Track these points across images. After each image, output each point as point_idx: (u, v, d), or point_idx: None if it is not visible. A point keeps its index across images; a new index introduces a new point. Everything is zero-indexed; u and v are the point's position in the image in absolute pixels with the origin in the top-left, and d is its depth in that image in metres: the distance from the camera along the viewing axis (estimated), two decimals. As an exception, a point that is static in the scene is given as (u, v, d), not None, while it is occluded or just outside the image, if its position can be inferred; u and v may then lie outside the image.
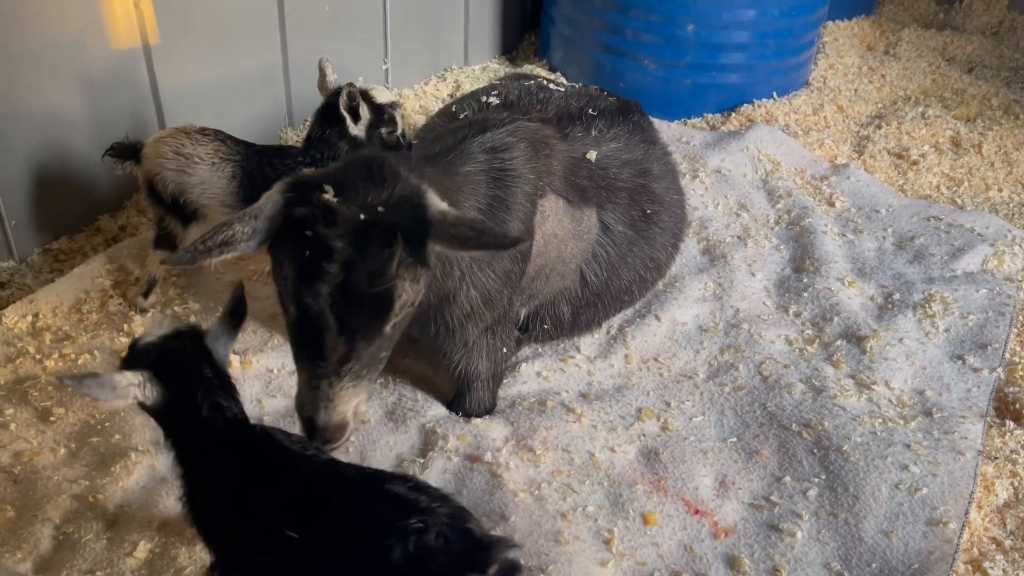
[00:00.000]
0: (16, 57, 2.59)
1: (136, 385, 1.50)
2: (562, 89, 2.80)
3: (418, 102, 3.96)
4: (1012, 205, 3.44)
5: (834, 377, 2.45)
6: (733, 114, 4.01)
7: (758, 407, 2.35)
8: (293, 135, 3.54)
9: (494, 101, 2.70)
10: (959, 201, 3.45)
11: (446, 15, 4.18)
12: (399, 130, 2.52)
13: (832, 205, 3.33)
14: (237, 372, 2.33)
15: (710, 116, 4.07)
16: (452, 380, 2.34)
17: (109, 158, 2.52)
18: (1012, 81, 4.53)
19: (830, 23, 4.93)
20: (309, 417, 1.77)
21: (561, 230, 2.34)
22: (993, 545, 2.02)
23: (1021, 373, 2.49)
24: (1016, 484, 2.17)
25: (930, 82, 4.46)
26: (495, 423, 2.28)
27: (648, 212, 2.55)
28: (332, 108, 2.45)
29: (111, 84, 2.88)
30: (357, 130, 2.46)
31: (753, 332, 2.64)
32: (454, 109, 2.76)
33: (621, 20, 3.96)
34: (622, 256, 2.51)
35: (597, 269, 2.47)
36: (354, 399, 1.79)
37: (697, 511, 2.05)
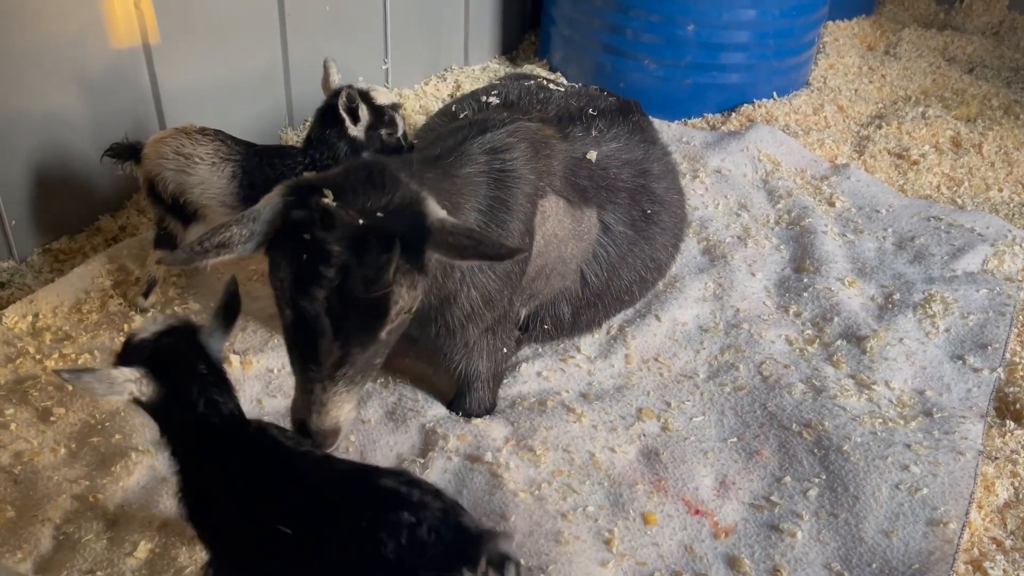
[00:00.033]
0: (16, 57, 2.59)
1: (133, 381, 1.49)
2: (562, 89, 2.80)
3: (418, 102, 3.96)
4: (1012, 205, 3.43)
5: (834, 377, 2.45)
6: (733, 114, 4.01)
7: (758, 407, 2.35)
8: (293, 135, 3.54)
9: (494, 101, 2.70)
10: (959, 201, 3.45)
11: (446, 15, 4.18)
12: (399, 132, 2.51)
13: (832, 205, 3.33)
14: (237, 372, 2.34)
15: (710, 116, 4.07)
16: (452, 380, 2.34)
17: (108, 159, 2.52)
18: (1012, 81, 4.53)
19: (830, 23, 4.93)
20: (301, 420, 1.77)
21: (561, 230, 2.34)
22: (993, 545, 2.02)
23: (1021, 373, 2.49)
24: (1016, 484, 2.17)
25: (930, 82, 4.46)
26: (495, 423, 2.28)
27: (648, 212, 2.55)
28: (332, 109, 2.45)
29: (111, 84, 2.88)
30: (356, 131, 2.46)
31: (753, 332, 2.64)
32: (454, 109, 2.76)
33: (621, 20, 3.96)
34: (622, 256, 2.50)
35: (597, 269, 2.47)
36: (347, 404, 1.79)
37: (697, 511, 2.05)
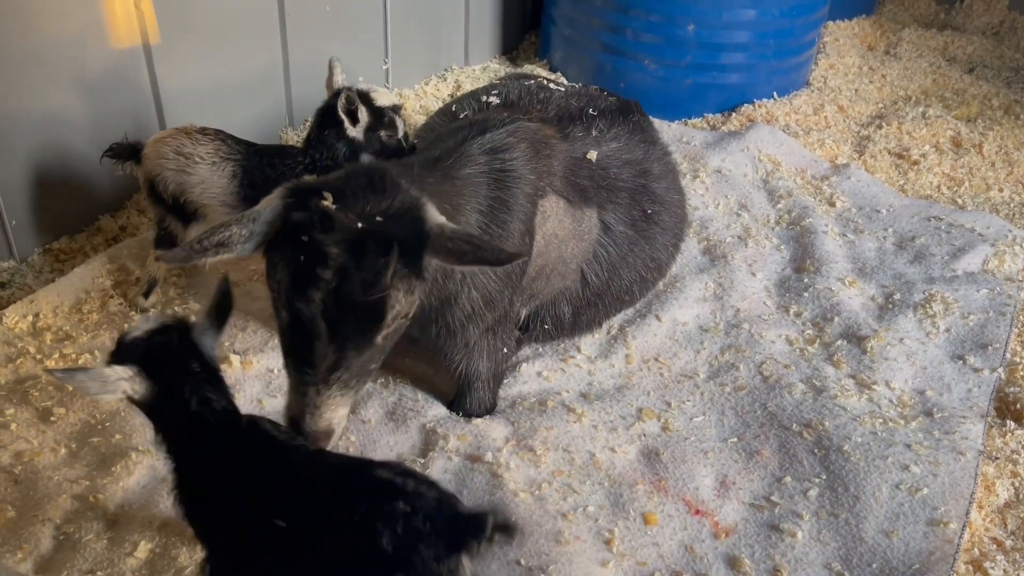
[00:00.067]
0: (16, 57, 2.59)
1: (126, 379, 1.50)
2: (562, 89, 2.80)
3: (418, 102, 3.96)
4: (1013, 205, 3.43)
5: (835, 377, 2.45)
6: (733, 114, 4.00)
7: (759, 407, 2.35)
8: (294, 135, 3.54)
9: (494, 101, 2.70)
10: (960, 201, 3.45)
11: (446, 15, 4.18)
12: (400, 133, 2.50)
13: (833, 205, 3.33)
14: (238, 372, 2.34)
15: (710, 116, 4.07)
16: (452, 380, 2.34)
17: (108, 159, 2.52)
18: (1013, 81, 4.53)
19: (830, 23, 4.93)
20: (294, 418, 1.77)
21: (562, 230, 2.34)
22: (994, 545, 2.02)
23: (1022, 373, 2.49)
24: (1017, 484, 2.17)
25: (931, 82, 4.46)
26: (496, 423, 2.28)
27: (649, 212, 2.55)
28: (332, 109, 2.45)
29: (111, 84, 2.88)
30: (355, 132, 2.45)
31: (754, 332, 2.64)
32: (454, 108, 2.75)
33: (622, 20, 3.96)
34: (623, 256, 2.50)
35: (598, 269, 2.47)
36: (341, 407, 1.78)
37: (698, 511, 2.05)
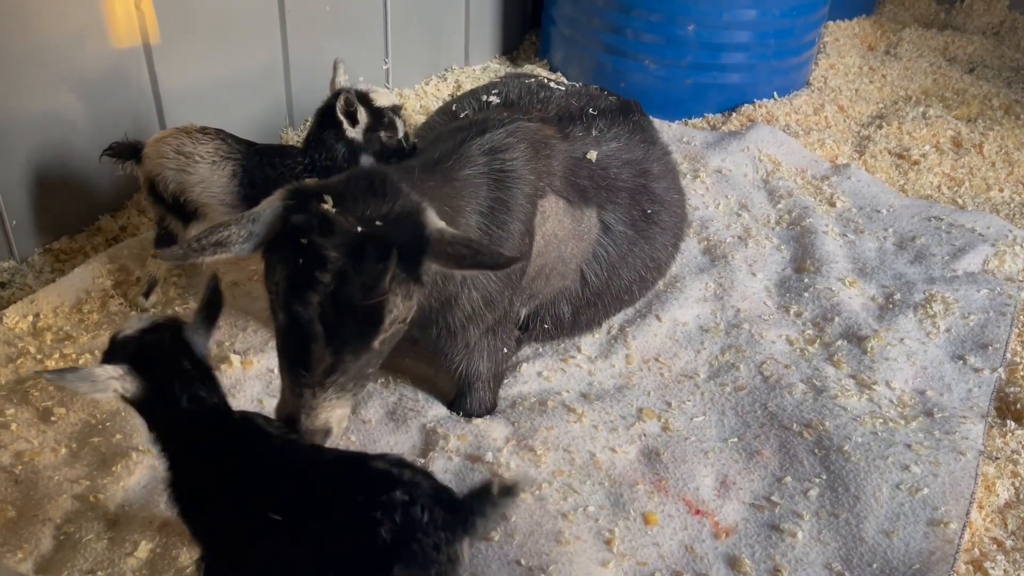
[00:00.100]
0: (17, 57, 2.59)
1: (116, 378, 1.50)
2: (563, 88, 2.80)
3: (419, 102, 3.96)
4: (1013, 205, 3.43)
5: (835, 377, 2.45)
6: (734, 114, 4.00)
7: (759, 407, 2.35)
8: (294, 135, 3.54)
9: (494, 100, 2.70)
10: (960, 201, 3.45)
11: (447, 15, 4.18)
12: (400, 134, 2.49)
13: (833, 205, 3.33)
14: (238, 372, 2.33)
15: (711, 116, 4.07)
16: (453, 380, 2.34)
17: (108, 158, 2.52)
18: (1013, 81, 4.52)
19: (831, 23, 4.92)
20: (290, 416, 1.76)
21: (561, 230, 2.34)
22: (994, 545, 2.02)
23: (1022, 373, 2.49)
24: (1017, 484, 2.17)
25: (931, 82, 4.46)
26: (496, 423, 2.28)
27: (648, 212, 2.55)
28: (331, 110, 2.45)
29: (112, 84, 2.88)
30: (354, 133, 2.45)
31: (754, 332, 2.64)
32: (454, 108, 2.75)
33: (622, 20, 3.96)
34: (622, 256, 2.50)
35: (597, 269, 2.46)
36: (338, 408, 1.78)
37: (698, 511, 2.05)
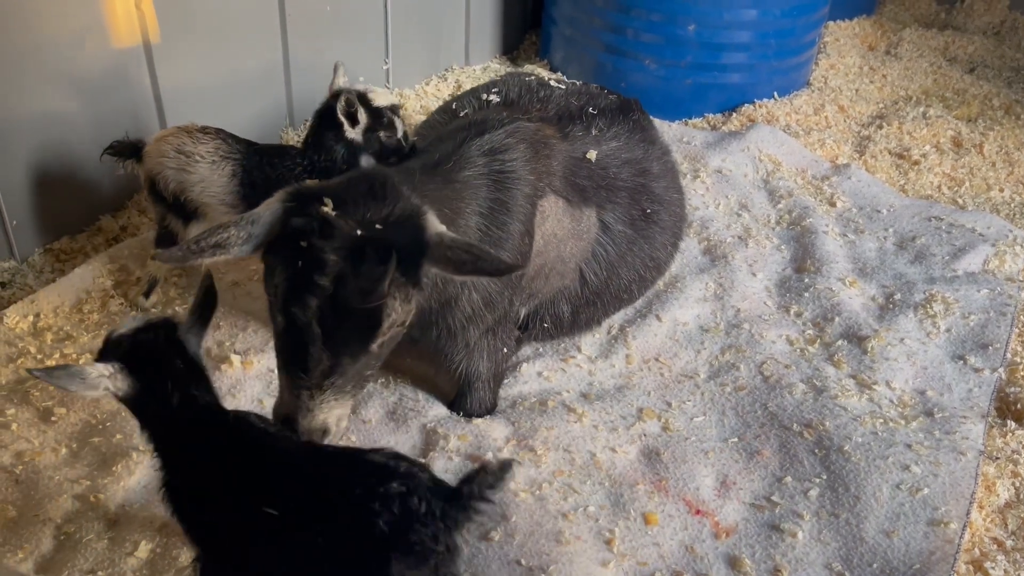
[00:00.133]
0: (17, 57, 2.59)
1: (107, 376, 1.51)
2: (562, 87, 2.79)
3: (419, 102, 3.96)
4: (1013, 205, 3.43)
5: (835, 377, 2.45)
6: (734, 114, 4.00)
7: (759, 407, 2.35)
8: (294, 135, 3.55)
9: (494, 99, 2.70)
10: (960, 201, 3.45)
11: (447, 15, 4.18)
12: (399, 133, 2.49)
13: (833, 205, 3.33)
14: (239, 372, 2.33)
15: (711, 116, 4.07)
16: (453, 380, 2.34)
17: (108, 157, 2.52)
18: (1013, 81, 4.52)
19: (831, 23, 4.92)
20: (287, 416, 1.77)
21: (561, 230, 2.34)
22: (994, 545, 2.02)
23: (1022, 373, 2.49)
24: (1017, 484, 2.17)
25: (931, 82, 4.46)
26: (496, 423, 2.28)
27: (648, 211, 2.55)
28: (329, 111, 2.45)
29: (112, 84, 2.88)
30: (354, 134, 2.45)
31: (754, 332, 2.64)
32: (454, 106, 2.76)
33: (622, 20, 3.96)
34: (621, 255, 2.50)
35: (597, 268, 2.47)
36: (336, 409, 1.78)
37: (698, 511, 2.05)
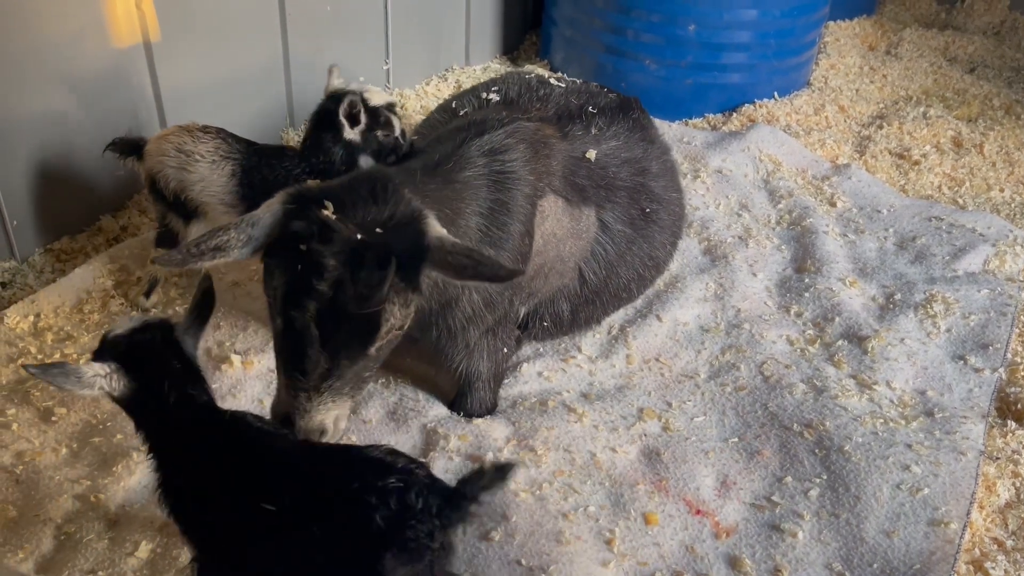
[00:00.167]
0: (17, 57, 2.59)
1: (103, 376, 1.51)
2: (562, 85, 2.79)
3: (419, 102, 3.96)
4: (1014, 205, 3.43)
5: (835, 377, 2.45)
6: (734, 114, 4.00)
7: (759, 407, 2.35)
8: (295, 135, 3.55)
9: (494, 97, 2.70)
10: (961, 201, 3.45)
11: (447, 15, 4.18)
12: (396, 131, 2.50)
13: (833, 205, 3.33)
14: (239, 372, 2.33)
15: (711, 116, 4.07)
16: (453, 380, 2.34)
17: (110, 153, 2.53)
18: (1014, 81, 4.52)
19: (831, 23, 4.92)
20: (285, 415, 1.77)
21: (560, 229, 2.34)
22: (995, 545, 2.02)
23: (1022, 373, 2.49)
24: (1018, 484, 2.17)
25: (932, 82, 4.46)
26: (496, 423, 2.28)
27: (647, 210, 2.55)
28: (326, 113, 2.45)
29: (112, 83, 2.88)
30: (352, 135, 2.45)
31: (754, 332, 2.64)
32: (454, 105, 2.76)
33: (622, 20, 3.96)
34: (621, 254, 2.51)
35: (596, 267, 2.47)
36: (335, 410, 1.79)
37: (698, 511, 2.05)
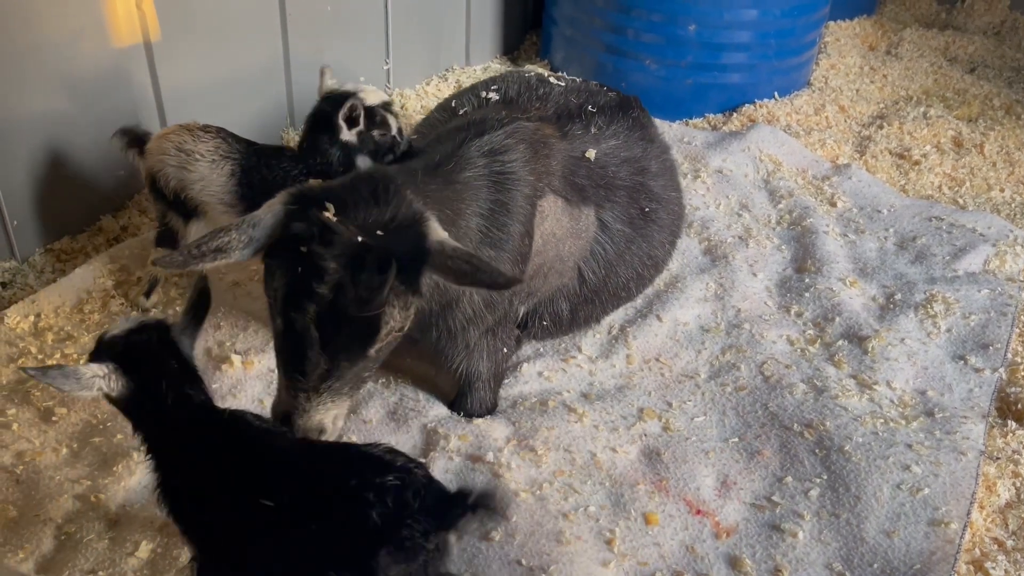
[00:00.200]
0: (17, 57, 2.59)
1: (101, 376, 1.51)
2: (562, 84, 2.79)
3: (419, 102, 3.96)
4: (1014, 205, 3.43)
5: (836, 377, 2.45)
6: (735, 114, 4.00)
7: (760, 407, 2.35)
8: (295, 134, 3.54)
9: (493, 96, 2.69)
10: (961, 201, 3.45)
11: (448, 15, 4.18)
12: (393, 131, 2.49)
13: (834, 205, 3.33)
14: (239, 372, 2.34)
15: (712, 116, 4.07)
16: (453, 380, 2.34)
17: (116, 140, 2.52)
18: (1014, 81, 4.52)
19: (832, 23, 4.92)
20: (285, 413, 1.78)
21: (559, 229, 2.34)
22: (995, 545, 2.02)
23: (1023, 373, 2.49)
24: (1018, 484, 2.17)
25: (932, 82, 4.45)
26: (497, 423, 2.28)
27: (646, 210, 2.55)
28: (322, 115, 2.45)
29: (113, 83, 2.88)
30: (349, 136, 2.45)
31: (755, 332, 2.64)
32: (453, 104, 2.75)
33: (623, 20, 3.96)
34: (620, 254, 2.50)
35: (595, 267, 2.47)
36: (334, 410, 1.79)
37: (699, 511, 2.05)
